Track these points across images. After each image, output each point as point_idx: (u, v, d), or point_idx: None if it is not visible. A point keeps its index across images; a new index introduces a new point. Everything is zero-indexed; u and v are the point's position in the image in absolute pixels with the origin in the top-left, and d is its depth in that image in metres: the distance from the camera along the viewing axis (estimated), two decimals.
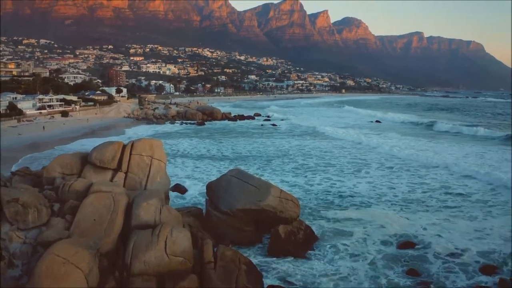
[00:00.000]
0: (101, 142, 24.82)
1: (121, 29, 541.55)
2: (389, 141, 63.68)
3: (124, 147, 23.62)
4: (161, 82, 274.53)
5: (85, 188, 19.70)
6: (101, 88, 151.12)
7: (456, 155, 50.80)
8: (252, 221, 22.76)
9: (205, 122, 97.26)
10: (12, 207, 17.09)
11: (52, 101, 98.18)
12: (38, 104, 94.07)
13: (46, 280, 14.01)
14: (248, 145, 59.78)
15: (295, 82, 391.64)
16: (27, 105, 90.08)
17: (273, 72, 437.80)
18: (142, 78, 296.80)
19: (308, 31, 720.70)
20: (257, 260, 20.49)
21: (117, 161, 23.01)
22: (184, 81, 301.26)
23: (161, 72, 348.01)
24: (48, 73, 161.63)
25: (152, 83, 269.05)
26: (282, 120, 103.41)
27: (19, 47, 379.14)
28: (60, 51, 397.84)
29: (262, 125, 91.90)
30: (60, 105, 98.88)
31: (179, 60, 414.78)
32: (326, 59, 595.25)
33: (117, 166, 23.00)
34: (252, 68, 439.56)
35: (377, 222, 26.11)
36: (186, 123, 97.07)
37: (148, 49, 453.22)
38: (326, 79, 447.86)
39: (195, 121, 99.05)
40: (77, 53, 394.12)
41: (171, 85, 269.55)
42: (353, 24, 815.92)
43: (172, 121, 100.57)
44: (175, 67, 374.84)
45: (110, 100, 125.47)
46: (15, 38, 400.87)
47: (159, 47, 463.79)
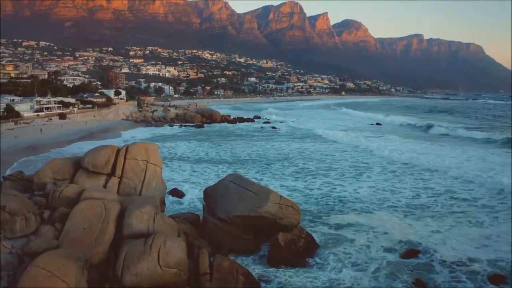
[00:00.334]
0: (98, 145, 23.99)
1: (121, 31, 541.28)
2: (390, 144, 62.76)
3: (118, 151, 22.72)
4: (160, 84, 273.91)
5: (76, 195, 18.89)
6: (99, 90, 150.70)
7: (459, 159, 49.95)
8: (250, 228, 21.92)
9: (204, 125, 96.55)
10: None
11: (50, 104, 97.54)
12: (36, 107, 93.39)
13: None
14: (247, 148, 59.00)
15: (295, 84, 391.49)
16: (24, 107, 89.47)
17: (273, 74, 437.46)
18: (142, 80, 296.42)
19: (308, 33, 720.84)
20: (256, 269, 19.69)
21: (110, 165, 22.14)
22: (183, 83, 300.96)
23: (160, 74, 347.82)
24: (46, 75, 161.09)
25: (151, 85, 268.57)
26: (282, 123, 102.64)
27: (19, 49, 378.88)
28: (60, 53, 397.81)
29: (262, 127, 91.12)
30: (58, 108, 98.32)
31: (179, 62, 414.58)
32: (326, 61, 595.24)
33: (111, 171, 22.14)
34: (252, 71, 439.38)
35: (380, 228, 25.26)
36: (184, 125, 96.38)
37: (148, 51, 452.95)
38: (326, 81, 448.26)
39: (194, 124, 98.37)
40: (77, 55, 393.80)
41: (171, 87, 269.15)
42: (353, 26, 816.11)
43: (170, 123, 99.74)
44: (174, 69, 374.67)
45: (109, 103, 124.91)
46: (14, 40, 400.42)
47: (159, 49, 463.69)
